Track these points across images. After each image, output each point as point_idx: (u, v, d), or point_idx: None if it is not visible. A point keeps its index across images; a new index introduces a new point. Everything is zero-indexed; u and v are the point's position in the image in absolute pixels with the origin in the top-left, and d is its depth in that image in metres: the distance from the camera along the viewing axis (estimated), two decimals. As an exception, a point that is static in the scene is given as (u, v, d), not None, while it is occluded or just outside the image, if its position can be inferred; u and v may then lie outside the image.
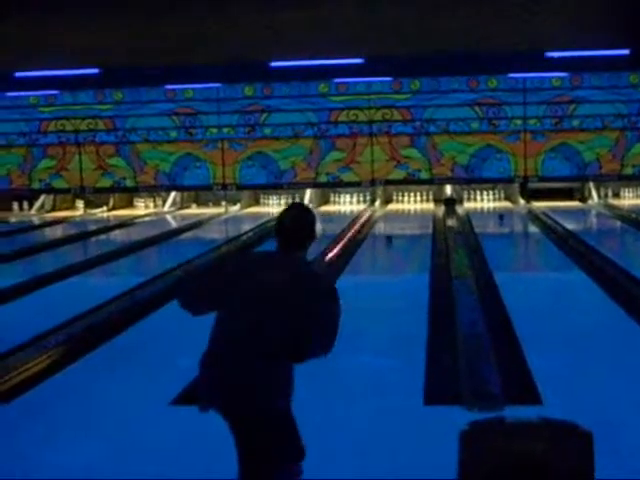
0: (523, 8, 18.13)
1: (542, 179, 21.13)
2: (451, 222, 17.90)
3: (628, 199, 22.57)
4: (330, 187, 22.37)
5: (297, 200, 22.74)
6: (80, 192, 22.62)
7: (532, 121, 20.68)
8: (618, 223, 18.58)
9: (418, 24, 18.92)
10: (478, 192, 23.10)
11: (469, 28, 18.75)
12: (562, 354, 7.58)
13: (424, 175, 21.12)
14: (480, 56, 19.54)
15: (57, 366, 7.38)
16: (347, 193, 23.14)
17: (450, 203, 21.46)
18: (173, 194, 23.26)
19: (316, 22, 18.98)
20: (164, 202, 23.45)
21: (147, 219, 21.10)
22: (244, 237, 16.74)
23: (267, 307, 4.12)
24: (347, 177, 21.28)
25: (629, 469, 4.89)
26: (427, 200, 23.13)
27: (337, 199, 23.39)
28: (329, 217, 20.78)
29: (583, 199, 21.86)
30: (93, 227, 19.60)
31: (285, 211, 4.40)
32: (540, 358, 7.21)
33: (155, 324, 9.10)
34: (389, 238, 16.46)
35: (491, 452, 2.60)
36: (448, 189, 22.53)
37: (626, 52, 18.17)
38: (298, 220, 4.32)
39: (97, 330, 8.68)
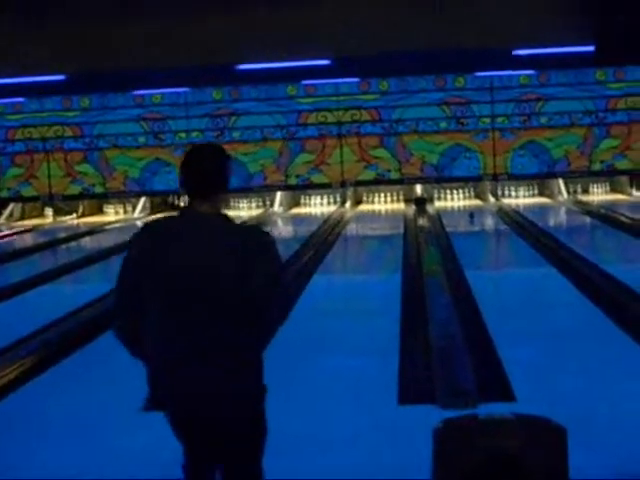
0: (490, 6, 18.20)
1: (511, 177, 21.20)
2: (422, 221, 17.92)
3: (597, 195, 22.69)
4: (300, 189, 22.34)
5: (267, 203, 22.73)
6: (49, 200, 22.48)
7: (500, 119, 20.74)
8: (587, 219, 18.67)
9: (385, 24, 18.94)
10: (448, 191, 23.13)
11: (436, 27, 18.80)
12: (535, 350, 7.60)
13: (394, 175, 21.13)
14: (447, 55, 19.59)
15: (28, 375, 7.32)
16: (317, 195, 23.11)
17: (420, 202, 21.48)
18: (143, 200, 23.14)
19: (282, 24, 18.97)
20: (134, 208, 23.34)
21: (117, 225, 20.99)
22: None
23: (207, 286, 3.52)
24: (317, 179, 21.26)
25: (602, 465, 4.90)
26: (397, 200, 23.14)
27: (307, 201, 23.36)
28: (300, 219, 20.78)
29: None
30: (63, 234, 19.47)
31: (192, 152, 3.76)
32: (513, 355, 7.22)
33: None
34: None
35: (464, 449, 2.59)
36: (418, 189, 22.56)
37: (591, 49, 18.28)
38: (212, 158, 3.69)
39: (69, 337, 8.62)
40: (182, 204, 22.58)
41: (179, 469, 3.82)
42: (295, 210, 22.75)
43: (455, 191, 23.17)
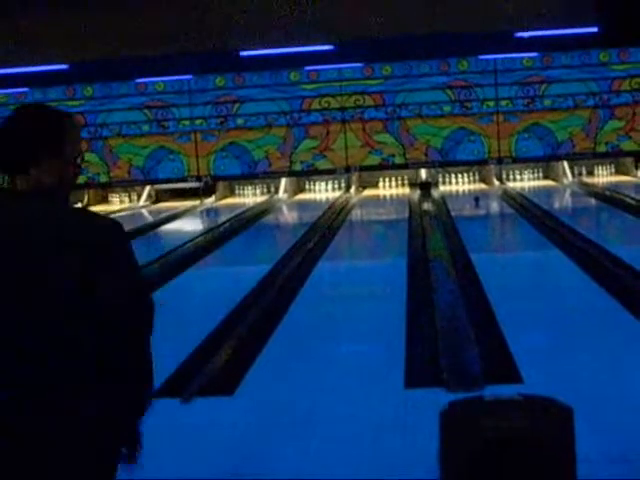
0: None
1: (516, 160, 21.17)
2: (427, 206, 17.92)
3: (602, 177, 22.66)
4: (305, 175, 22.33)
5: (272, 189, 22.72)
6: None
7: (504, 102, 20.70)
8: (593, 201, 18.65)
9: (387, 9, 18.89)
10: (453, 175, 23.11)
11: (439, 11, 18.74)
12: (541, 333, 7.61)
13: (398, 160, 21.11)
14: (450, 38, 19.53)
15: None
16: (322, 181, 23.11)
17: (425, 187, 21.48)
18: (148, 188, 23.16)
19: (285, 10, 18.93)
20: (139, 196, 23.36)
21: (122, 214, 21.00)
22: (220, 229, 16.70)
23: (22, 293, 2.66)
24: (321, 165, 21.24)
25: (609, 445, 4.91)
26: (402, 185, 23.13)
27: (312, 187, 23.36)
28: (305, 205, 20.78)
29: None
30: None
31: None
32: (519, 337, 7.23)
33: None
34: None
35: (471, 431, 2.60)
36: (423, 173, 22.55)
37: (595, 30, 18.21)
38: (16, 122, 2.86)
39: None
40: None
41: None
42: (300, 196, 22.75)
43: (460, 175, 23.15)
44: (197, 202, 22.09)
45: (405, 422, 5.43)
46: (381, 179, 23.26)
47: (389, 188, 23.14)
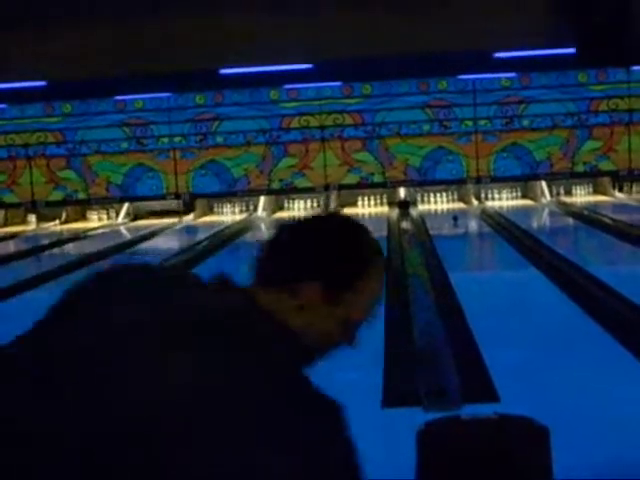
0: (471, 9, 18.22)
1: (494, 179, 21.24)
2: (405, 224, 17.93)
3: (580, 196, 22.75)
4: (284, 193, 22.33)
5: (251, 208, 22.70)
6: (32, 206, 22.39)
7: (483, 122, 20.79)
8: (571, 220, 18.72)
9: (367, 28, 18.94)
10: (432, 194, 23.16)
11: (418, 31, 18.82)
12: (518, 352, 7.60)
13: (377, 178, 21.15)
14: (429, 58, 19.61)
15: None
16: (301, 199, 23.11)
17: (404, 206, 21.50)
18: (126, 205, 23.09)
19: (264, 28, 18.95)
20: (117, 214, 23.29)
21: (101, 231, 20.93)
22: (199, 247, 16.65)
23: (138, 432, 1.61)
24: (300, 183, 21.25)
25: (587, 463, 4.91)
26: (381, 203, 23.15)
27: (291, 205, 23.35)
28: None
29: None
30: (46, 241, 19.39)
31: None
32: (497, 356, 7.22)
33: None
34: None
35: (447, 450, 2.59)
36: (402, 192, 22.58)
37: (572, 51, 18.31)
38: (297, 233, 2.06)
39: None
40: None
41: None
42: (279, 214, 22.74)
43: (438, 194, 23.19)
44: (175, 220, 22.04)
45: (382, 441, 5.41)
46: (360, 198, 23.28)
47: (368, 207, 23.16)
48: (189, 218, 22.30)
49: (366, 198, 23.23)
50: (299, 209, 23.14)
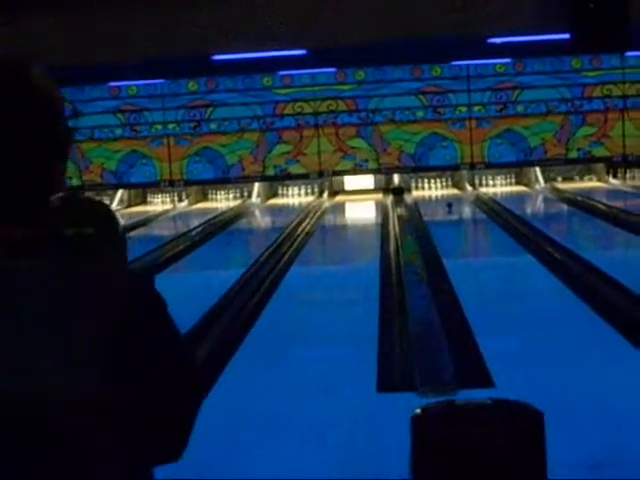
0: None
1: (488, 165, 21.23)
2: (400, 211, 17.94)
3: (574, 182, 22.76)
4: (278, 180, 22.31)
5: (245, 194, 22.67)
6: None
7: (477, 108, 20.77)
8: (565, 207, 18.74)
9: (360, 14, 18.91)
10: (426, 180, 23.15)
11: (411, 16, 18.78)
12: (513, 338, 7.62)
13: (371, 165, 21.12)
14: (423, 44, 19.57)
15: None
16: (295, 185, 23.09)
17: (398, 192, 21.50)
18: (120, 192, 23.05)
19: (258, 14, 18.92)
20: (111, 201, 23.24)
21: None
22: (193, 233, 16.65)
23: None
24: (294, 169, 21.22)
25: (582, 450, 4.92)
26: (376, 190, 23.14)
27: (285, 192, 23.33)
28: (278, 210, 20.77)
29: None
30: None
31: None
32: (491, 342, 7.24)
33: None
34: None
35: (442, 435, 2.59)
36: (396, 178, 22.57)
37: (567, 36, 18.28)
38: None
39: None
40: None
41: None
42: (273, 201, 22.72)
43: (433, 180, 23.19)
44: (169, 207, 22.03)
45: (376, 426, 5.42)
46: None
47: (362, 193, 23.14)
48: (183, 205, 22.28)
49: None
50: (293, 195, 23.12)
